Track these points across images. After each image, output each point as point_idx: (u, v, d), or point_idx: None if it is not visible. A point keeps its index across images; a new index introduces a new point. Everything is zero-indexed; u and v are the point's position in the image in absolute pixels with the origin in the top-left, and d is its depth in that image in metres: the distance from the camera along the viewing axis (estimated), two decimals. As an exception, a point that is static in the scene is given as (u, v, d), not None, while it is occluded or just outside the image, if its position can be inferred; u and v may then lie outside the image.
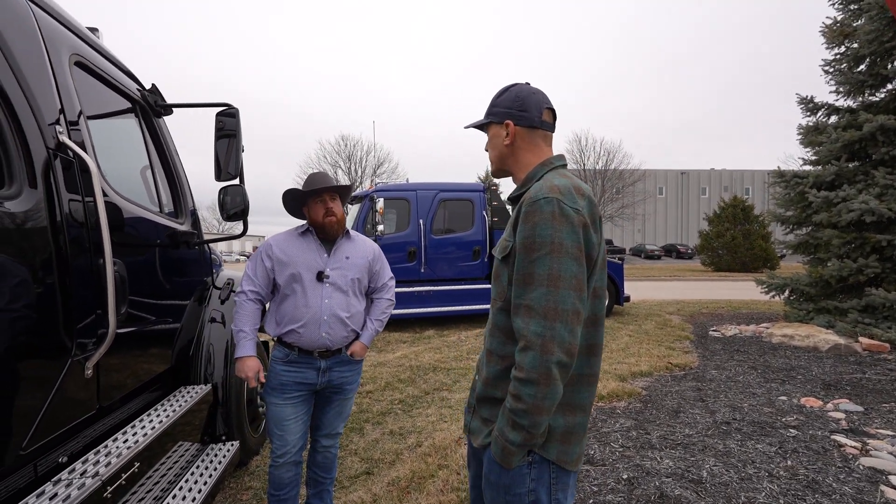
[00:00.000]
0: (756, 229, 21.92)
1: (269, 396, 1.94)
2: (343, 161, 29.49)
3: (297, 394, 1.91)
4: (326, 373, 1.93)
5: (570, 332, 0.93)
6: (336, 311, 1.89)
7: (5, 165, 1.20)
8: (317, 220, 1.93)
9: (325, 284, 1.90)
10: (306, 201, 1.96)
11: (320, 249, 1.95)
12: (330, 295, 1.90)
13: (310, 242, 1.95)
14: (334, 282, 1.91)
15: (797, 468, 2.58)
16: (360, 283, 2.00)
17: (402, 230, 7.24)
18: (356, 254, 2.00)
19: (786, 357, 5.20)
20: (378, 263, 2.08)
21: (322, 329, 1.87)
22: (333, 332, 1.89)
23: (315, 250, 1.94)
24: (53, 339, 1.28)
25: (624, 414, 3.50)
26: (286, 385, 1.90)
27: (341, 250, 1.97)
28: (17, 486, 1.20)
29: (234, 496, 2.44)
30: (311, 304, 1.87)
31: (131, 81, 2.10)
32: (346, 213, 2.13)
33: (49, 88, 1.40)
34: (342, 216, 1.97)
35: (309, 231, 1.98)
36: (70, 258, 1.34)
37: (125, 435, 1.61)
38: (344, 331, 1.92)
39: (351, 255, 1.98)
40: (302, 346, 1.88)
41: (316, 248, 1.94)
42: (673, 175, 47.88)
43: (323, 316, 1.87)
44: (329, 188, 1.92)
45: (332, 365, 1.93)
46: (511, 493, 1.02)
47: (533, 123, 1.12)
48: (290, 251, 1.92)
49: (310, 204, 1.94)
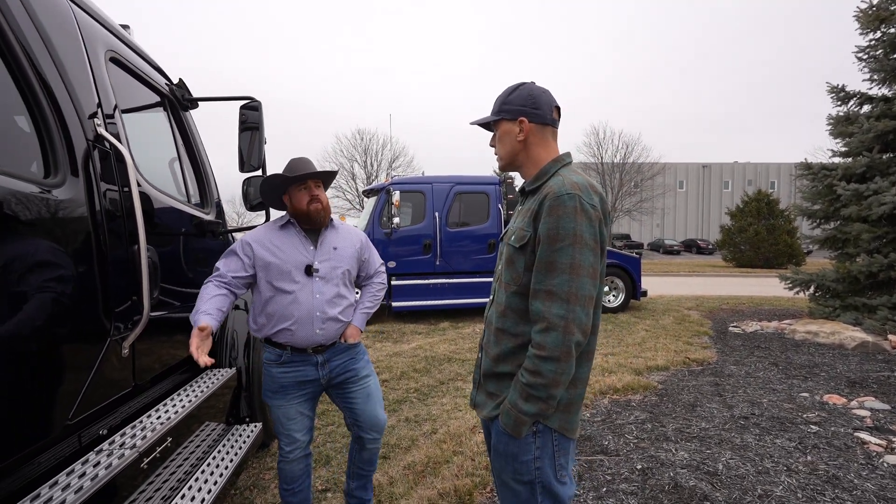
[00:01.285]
0: (781, 224, 21.25)
1: (270, 400, 1.86)
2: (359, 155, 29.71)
3: (300, 393, 1.84)
4: (325, 365, 1.84)
5: (586, 315, 1.05)
6: (328, 306, 1.79)
7: (51, 155, 1.28)
8: (300, 208, 1.78)
9: (314, 279, 1.78)
10: (287, 189, 1.82)
11: (305, 242, 1.82)
12: (321, 289, 1.79)
13: (292, 236, 1.82)
14: (324, 275, 1.80)
15: (817, 464, 2.55)
16: (350, 274, 1.90)
17: (417, 223, 7.29)
18: (344, 244, 1.89)
19: (809, 354, 5.09)
20: (367, 252, 1.98)
21: (315, 326, 1.77)
22: (327, 327, 1.79)
23: (300, 243, 1.81)
24: (94, 320, 1.36)
25: (639, 407, 3.49)
26: (287, 387, 1.82)
27: (328, 241, 1.85)
28: (64, 455, 1.30)
29: (257, 475, 2.54)
30: (301, 300, 1.76)
31: (160, 76, 2.19)
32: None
33: (88, 83, 1.48)
34: (327, 203, 1.84)
35: (290, 223, 1.85)
36: (107, 244, 1.43)
37: (158, 412, 1.71)
38: (337, 325, 1.83)
39: (339, 246, 1.87)
40: (295, 344, 1.79)
41: (301, 240, 1.82)
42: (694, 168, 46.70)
43: (315, 312, 1.76)
44: (313, 174, 1.79)
45: (329, 357, 1.85)
46: (518, 461, 1.10)
47: (545, 120, 1.20)
48: (274, 247, 1.79)
49: (291, 192, 1.81)
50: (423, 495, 2.27)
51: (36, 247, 1.15)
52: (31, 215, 1.14)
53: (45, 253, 1.18)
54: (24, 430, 1.14)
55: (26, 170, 1.24)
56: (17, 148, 1.24)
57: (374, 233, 7.06)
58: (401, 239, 7.16)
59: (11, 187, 1.08)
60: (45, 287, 1.17)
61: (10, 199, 1.07)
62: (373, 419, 1.90)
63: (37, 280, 1.14)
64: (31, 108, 1.25)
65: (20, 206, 1.10)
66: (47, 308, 1.18)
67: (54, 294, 1.20)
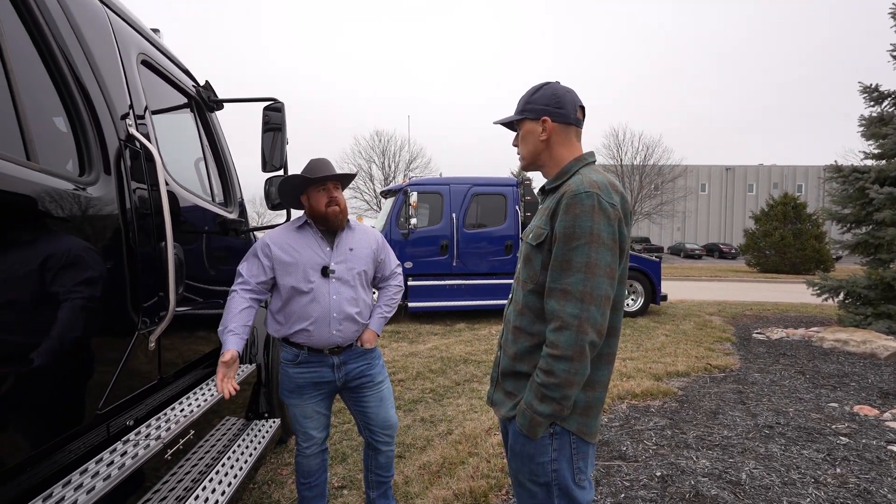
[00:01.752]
0: (809, 228, 20.54)
1: (287, 399, 1.90)
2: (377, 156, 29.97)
3: (316, 393, 1.86)
4: (342, 367, 1.85)
5: (601, 315, 1.04)
6: (345, 306, 1.80)
7: (86, 154, 1.33)
8: (318, 209, 1.81)
9: (331, 280, 1.80)
10: (306, 189, 1.84)
11: (322, 243, 1.84)
12: (337, 290, 1.80)
13: (309, 237, 1.84)
14: (340, 276, 1.81)
15: (847, 476, 2.45)
16: (367, 274, 1.90)
17: (434, 224, 7.31)
18: (360, 244, 1.90)
19: (838, 363, 4.90)
20: (383, 252, 1.98)
21: (332, 327, 1.78)
22: (344, 328, 1.81)
23: (317, 244, 1.83)
24: (123, 314, 1.41)
25: (658, 413, 3.42)
26: (303, 387, 1.85)
27: (344, 242, 1.86)
28: (93, 443, 1.34)
29: (275, 470, 2.58)
30: (319, 301, 1.77)
31: (187, 78, 2.25)
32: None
33: (121, 84, 1.54)
34: (345, 206, 1.86)
35: (308, 224, 1.87)
36: (137, 240, 1.47)
37: (181, 405, 1.75)
38: (354, 326, 1.84)
39: (355, 247, 1.88)
40: (312, 345, 1.80)
41: (317, 241, 1.84)
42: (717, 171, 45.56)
43: (332, 313, 1.78)
44: (332, 176, 1.80)
45: (345, 359, 1.85)
46: (535, 462, 1.09)
47: (569, 120, 1.19)
48: (291, 248, 1.81)
49: (310, 192, 1.82)
50: (439, 495, 2.27)
51: (72, 242, 1.20)
52: (68, 212, 1.19)
53: (80, 248, 1.22)
54: (59, 417, 1.19)
55: (63, 168, 1.30)
56: (55, 147, 1.29)
57: (392, 233, 7.10)
58: (418, 240, 7.19)
59: (51, 185, 1.13)
60: (80, 280, 1.21)
61: (50, 196, 1.12)
62: (385, 421, 1.92)
63: (73, 273, 1.19)
64: (68, 107, 1.30)
65: (59, 203, 1.15)
66: (83, 301, 1.22)
67: (89, 287, 1.24)
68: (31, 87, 1.19)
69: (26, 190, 1.05)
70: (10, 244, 1.02)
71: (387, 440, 1.93)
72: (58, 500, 1.08)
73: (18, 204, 1.03)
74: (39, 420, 1.13)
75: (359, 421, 1.97)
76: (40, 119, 1.23)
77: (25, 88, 1.14)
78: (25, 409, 1.08)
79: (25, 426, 1.09)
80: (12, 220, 1.03)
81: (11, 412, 1.04)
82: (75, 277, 1.20)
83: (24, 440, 1.08)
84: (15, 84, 1.11)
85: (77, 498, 1.09)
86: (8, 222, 1.02)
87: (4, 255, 1.00)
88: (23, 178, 1.04)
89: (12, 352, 1.02)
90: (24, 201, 1.04)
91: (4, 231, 1.01)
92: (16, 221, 1.04)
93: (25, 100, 1.13)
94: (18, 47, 1.16)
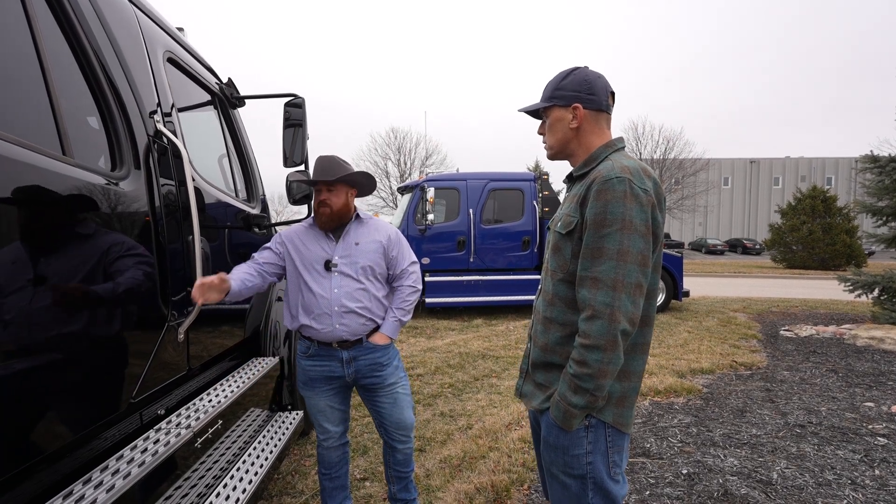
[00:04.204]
0: (839, 223, 19.74)
1: (301, 391, 1.94)
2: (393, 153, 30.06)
3: (327, 387, 1.88)
4: (351, 363, 1.84)
5: (633, 304, 1.01)
6: (347, 300, 1.80)
7: (117, 149, 1.36)
8: (315, 208, 1.87)
9: (333, 273, 1.81)
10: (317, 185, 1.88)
11: (328, 238, 1.87)
12: (339, 284, 1.81)
13: (317, 231, 1.88)
14: (342, 270, 1.82)
15: (887, 479, 2.35)
16: (374, 270, 1.86)
17: (451, 220, 7.29)
18: (366, 239, 1.88)
19: (873, 361, 4.71)
20: (395, 248, 1.93)
21: (335, 320, 1.79)
22: (348, 322, 1.80)
23: (322, 239, 1.86)
24: (154, 306, 1.44)
25: (682, 410, 3.34)
26: (315, 380, 1.87)
27: (350, 236, 1.87)
28: (128, 431, 1.38)
29: (298, 461, 2.62)
30: (322, 294, 1.80)
31: (211, 76, 2.29)
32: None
33: (149, 82, 1.57)
34: (339, 208, 1.83)
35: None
36: (165, 234, 1.50)
37: (209, 395, 1.79)
38: (359, 320, 1.82)
39: (361, 241, 1.87)
40: (318, 338, 1.83)
41: (323, 236, 1.87)
42: (741, 164, 44.18)
43: (334, 307, 1.79)
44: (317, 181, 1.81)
45: (355, 355, 1.84)
46: (569, 455, 1.07)
47: (600, 107, 1.15)
48: (301, 243, 1.86)
49: (314, 191, 1.89)
50: (461, 489, 2.27)
51: (107, 235, 1.23)
52: (103, 206, 1.22)
53: (114, 241, 1.25)
54: (98, 405, 1.22)
55: (96, 163, 1.33)
56: (88, 142, 1.33)
57: (409, 229, 7.12)
58: (435, 236, 7.19)
59: (86, 179, 1.16)
60: (116, 273, 1.25)
61: (86, 190, 1.15)
62: (398, 422, 1.91)
63: (110, 266, 1.22)
64: (100, 104, 1.33)
65: (95, 197, 1.18)
66: (119, 292, 1.25)
67: (124, 279, 1.28)
68: (65, 84, 1.22)
69: (64, 184, 1.08)
70: (51, 237, 1.05)
71: (402, 439, 1.93)
72: (96, 483, 1.12)
73: (59, 198, 1.06)
74: (80, 407, 1.16)
75: (374, 419, 1.98)
76: (74, 115, 1.26)
77: (60, 85, 1.18)
78: (66, 398, 1.11)
79: (67, 413, 1.13)
80: (53, 213, 1.06)
81: (54, 400, 1.07)
82: (112, 270, 1.23)
83: (66, 426, 1.12)
84: (50, 80, 1.14)
85: (115, 482, 1.13)
86: (49, 215, 1.05)
87: (45, 247, 1.03)
88: (60, 173, 1.07)
89: (55, 343, 1.05)
90: (62, 195, 1.07)
91: (46, 224, 1.04)
92: (57, 215, 1.07)
93: (60, 96, 1.16)
94: (53, 44, 1.19)
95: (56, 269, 1.06)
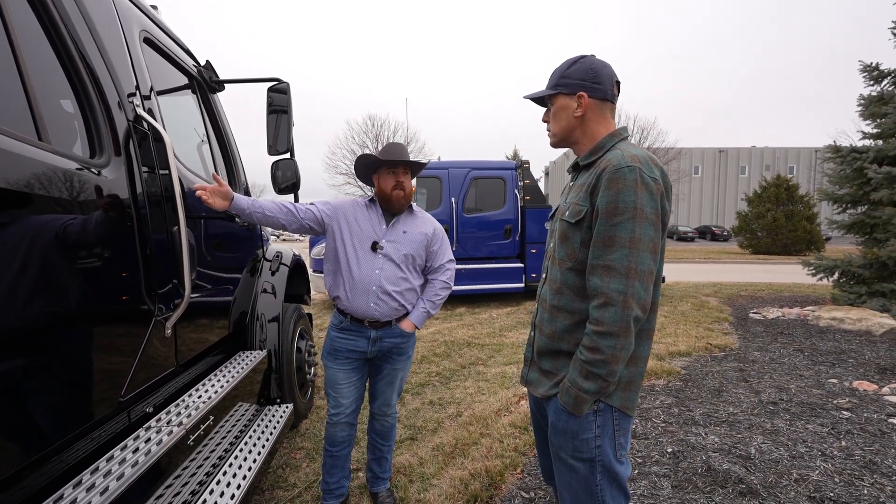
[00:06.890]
0: (800, 210, 20.72)
1: (324, 359, 2.01)
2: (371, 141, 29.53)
3: (347, 360, 1.95)
4: (377, 342, 1.93)
5: (645, 290, 1.03)
6: (385, 283, 1.87)
7: (96, 135, 1.27)
8: (385, 190, 1.90)
9: (377, 255, 1.88)
10: (378, 169, 1.94)
11: (381, 220, 1.93)
12: (382, 266, 1.88)
13: (372, 212, 1.95)
14: (387, 254, 1.89)
15: (853, 449, 2.51)
16: (415, 259, 1.95)
17: (433, 208, 7.25)
18: (414, 230, 1.96)
19: (835, 341, 4.99)
20: (437, 243, 2.02)
21: (370, 299, 1.86)
22: (381, 303, 1.88)
23: (376, 220, 1.93)
24: (139, 301, 1.37)
25: (664, 391, 3.47)
26: (339, 351, 1.95)
27: (400, 224, 1.95)
28: (115, 431, 1.32)
29: (289, 454, 2.59)
30: (362, 271, 1.87)
31: (189, 58, 2.17)
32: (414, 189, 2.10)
33: (126, 63, 1.47)
34: (410, 192, 1.94)
35: (374, 201, 1.98)
36: (149, 224, 1.43)
37: (198, 391, 1.73)
38: (392, 303, 1.90)
39: (409, 230, 1.94)
40: (352, 313, 1.90)
41: (377, 218, 1.94)
42: (710, 153, 45.61)
43: (372, 286, 1.86)
44: (404, 162, 1.89)
45: (383, 335, 1.93)
46: (578, 439, 1.09)
47: (605, 96, 1.15)
48: (353, 218, 1.92)
49: (381, 173, 1.92)
50: (455, 475, 2.29)
51: (88, 225, 1.15)
52: (83, 194, 1.14)
53: (96, 232, 1.18)
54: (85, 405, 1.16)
55: (71, 149, 1.24)
56: (64, 127, 1.23)
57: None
58: (416, 225, 7.13)
59: (64, 166, 1.08)
60: (100, 266, 1.18)
61: (66, 179, 1.07)
62: (386, 398, 2.06)
63: (92, 258, 1.15)
64: (75, 86, 1.24)
65: (73, 185, 1.10)
66: (102, 286, 1.19)
67: (106, 272, 1.21)
68: (37, 64, 1.13)
69: (42, 172, 1.00)
70: (29, 229, 0.98)
71: (384, 412, 2.07)
72: (88, 486, 1.06)
73: (37, 186, 0.99)
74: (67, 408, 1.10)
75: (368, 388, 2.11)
76: (48, 98, 1.17)
77: (32, 65, 1.08)
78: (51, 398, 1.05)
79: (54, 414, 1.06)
80: (31, 203, 0.98)
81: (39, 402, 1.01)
82: (95, 263, 1.16)
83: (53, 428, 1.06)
84: (22, 60, 1.05)
85: (108, 484, 1.08)
86: (27, 205, 0.97)
87: (23, 240, 0.96)
88: (36, 159, 1.00)
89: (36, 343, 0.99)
90: (41, 184, 1.00)
91: (24, 214, 0.96)
92: (36, 205, 1.00)
93: (33, 77, 1.07)
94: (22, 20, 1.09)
95: (35, 263, 0.98)
